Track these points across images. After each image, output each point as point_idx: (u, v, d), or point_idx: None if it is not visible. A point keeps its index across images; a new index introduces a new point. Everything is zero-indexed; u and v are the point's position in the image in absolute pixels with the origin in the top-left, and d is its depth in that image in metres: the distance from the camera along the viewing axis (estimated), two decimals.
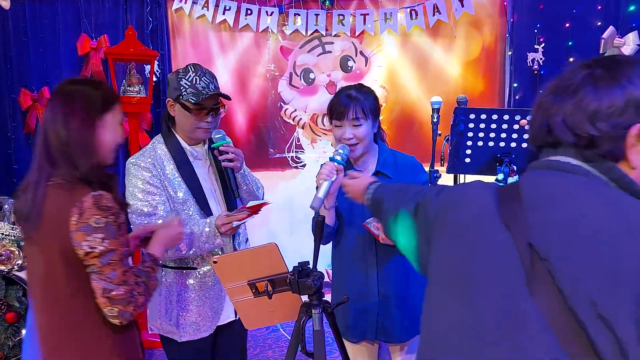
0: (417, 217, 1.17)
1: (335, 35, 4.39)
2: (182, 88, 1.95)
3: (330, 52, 4.44)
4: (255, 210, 1.88)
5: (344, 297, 1.65)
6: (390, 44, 4.38)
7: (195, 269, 2.03)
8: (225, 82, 4.51)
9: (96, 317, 1.47)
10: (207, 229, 1.91)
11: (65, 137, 1.47)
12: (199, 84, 1.95)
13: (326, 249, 4.71)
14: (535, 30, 4.07)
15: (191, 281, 2.02)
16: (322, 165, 1.90)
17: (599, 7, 3.98)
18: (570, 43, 4.05)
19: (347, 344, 2.04)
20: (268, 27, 4.37)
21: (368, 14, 4.28)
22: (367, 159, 2.04)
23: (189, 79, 1.95)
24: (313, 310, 1.57)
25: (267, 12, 4.33)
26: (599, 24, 3.98)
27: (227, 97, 2.03)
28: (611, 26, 3.93)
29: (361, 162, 2.04)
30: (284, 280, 1.56)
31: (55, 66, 4.40)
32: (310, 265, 1.61)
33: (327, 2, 4.28)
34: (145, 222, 1.90)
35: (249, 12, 4.34)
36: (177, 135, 2.05)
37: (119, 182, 1.63)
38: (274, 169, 4.59)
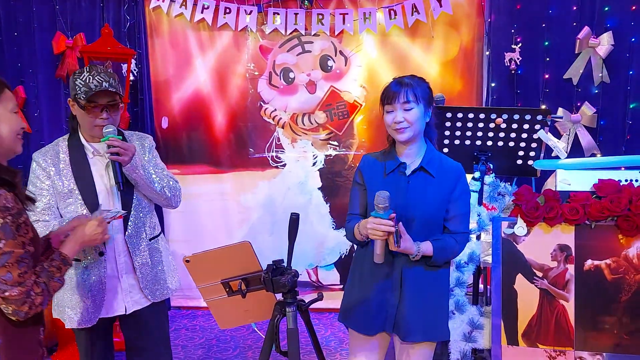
0: None
1: (314, 35, 4.38)
2: (76, 87, 2.07)
3: (309, 51, 4.43)
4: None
5: (318, 294, 1.65)
6: (369, 44, 4.38)
7: (79, 260, 2.13)
8: (204, 82, 4.48)
9: None
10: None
11: None
12: (92, 82, 2.05)
13: (307, 250, 4.69)
14: (513, 30, 4.10)
15: (73, 271, 2.14)
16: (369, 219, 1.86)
17: (575, 8, 4.03)
18: (546, 43, 4.09)
19: (358, 339, 2.05)
20: (247, 26, 4.34)
21: (347, 14, 4.28)
22: (414, 152, 2.02)
23: (83, 79, 2.06)
24: (287, 309, 1.57)
25: (245, 10, 4.31)
26: (575, 24, 4.03)
27: (119, 95, 2.13)
28: (586, 26, 3.99)
29: (406, 154, 2.03)
30: (258, 279, 1.55)
31: (30, 65, 4.33)
32: (285, 264, 1.60)
33: (306, 1, 4.27)
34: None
35: (227, 10, 4.31)
36: (80, 132, 2.19)
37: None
38: (254, 168, 4.57)
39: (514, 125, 2.56)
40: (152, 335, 2.31)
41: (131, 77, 4.21)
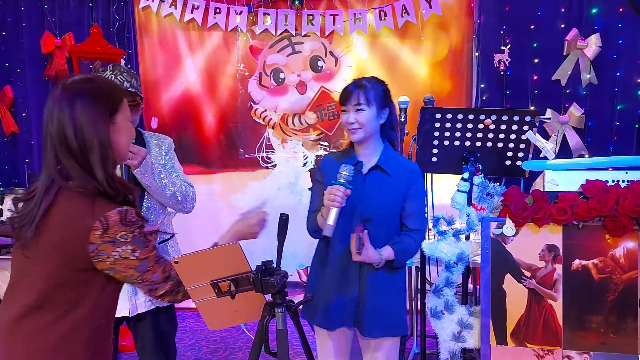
0: None
1: (305, 35, 4.39)
2: None
3: (300, 52, 4.43)
4: None
5: (308, 295, 1.65)
6: (359, 45, 4.40)
7: None
8: (194, 82, 4.47)
9: (82, 329, 1.44)
10: None
11: (80, 146, 1.38)
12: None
13: (297, 250, 4.69)
14: (502, 32, 4.13)
15: None
16: (326, 188, 1.91)
17: (563, 10, 4.06)
18: (535, 44, 4.12)
19: (321, 334, 2.08)
20: (237, 26, 4.34)
21: (337, 15, 4.29)
22: (370, 152, 2.07)
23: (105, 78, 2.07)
24: (276, 310, 1.57)
25: (236, 11, 4.30)
26: (563, 25, 4.07)
27: (139, 96, 2.16)
28: (574, 28, 4.03)
29: (362, 153, 2.08)
30: (247, 280, 1.55)
31: (18, 65, 4.30)
32: (274, 264, 1.60)
33: (296, 1, 4.27)
34: None
35: (217, 11, 4.30)
36: None
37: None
38: (244, 169, 4.57)
39: (503, 126, 2.57)
40: (152, 339, 2.29)
41: None
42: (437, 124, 2.62)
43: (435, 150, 2.69)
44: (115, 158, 1.45)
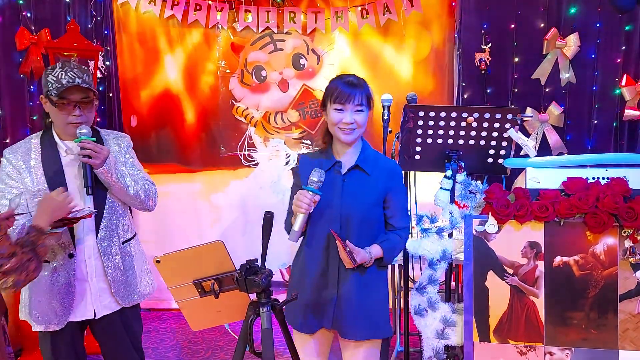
0: None
1: (286, 33, 4.36)
2: (48, 84, 2.02)
3: (282, 49, 4.40)
4: (72, 222, 1.98)
5: (293, 294, 1.63)
6: (341, 43, 4.39)
7: (48, 262, 2.08)
8: (174, 79, 4.41)
9: None
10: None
11: None
12: (64, 78, 2.01)
13: (280, 249, 4.66)
14: (482, 31, 4.16)
15: (45, 273, 2.08)
16: (297, 191, 1.90)
17: (542, 9, 4.10)
18: (515, 44, 4.16)
19: (300, 338, 2.06)
20: (218, 23, 4.29)
21: (319, 12, 4.27)
22: (351, 151, 2.05)
23: (55, 75, 2.02)
24: (261, 309, 1.55)
25: (216, 7, 4.26)
26: (542, 25, 4.11)
27: (93, 91, 2.09)
28: (553, 27, 4.08)
29: (344, 153, 2.05)
30: (231, 279, 1.53)
31: None
32: (259, 263, 1.58)
33: None
34: None
35: (198, 7, 4.25)
36: (53, 130, 2.13)
37: None
38: (225, 167, 4.53)
39: (485, 124, 2.59)
40: (123, 341, 2.25)
41: (98, 75, 4.11)
42: (420, 122, 2.62)
43: (418, 148, 2.69)
44: None
